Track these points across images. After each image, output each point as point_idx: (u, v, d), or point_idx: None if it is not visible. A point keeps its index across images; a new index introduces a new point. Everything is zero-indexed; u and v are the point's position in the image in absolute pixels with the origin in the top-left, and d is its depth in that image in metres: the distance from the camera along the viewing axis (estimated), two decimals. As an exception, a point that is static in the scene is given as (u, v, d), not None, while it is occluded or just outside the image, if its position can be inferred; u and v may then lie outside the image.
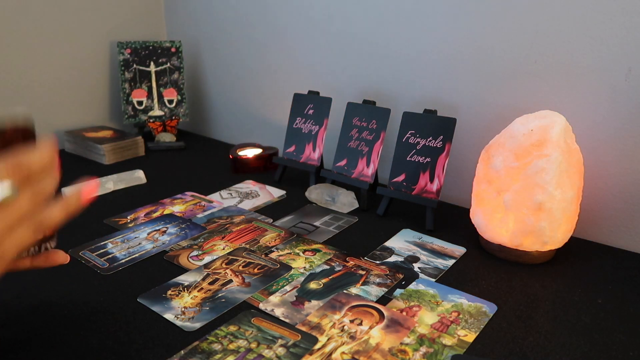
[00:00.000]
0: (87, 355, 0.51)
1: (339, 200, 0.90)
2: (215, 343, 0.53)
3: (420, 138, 0.84)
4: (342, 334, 0.54)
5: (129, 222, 0.82)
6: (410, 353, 0.52)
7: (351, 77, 1.05)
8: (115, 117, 1.35)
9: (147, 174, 1.03)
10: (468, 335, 0.55)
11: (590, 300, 0.63)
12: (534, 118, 0.69)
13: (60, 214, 0.42)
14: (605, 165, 0.78)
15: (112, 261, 0.70)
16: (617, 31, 0.72)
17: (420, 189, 0.82)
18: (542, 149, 0.66)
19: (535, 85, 0.82)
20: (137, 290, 0.62)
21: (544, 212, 0.66)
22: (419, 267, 0.70)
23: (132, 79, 1.27)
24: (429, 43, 0.92)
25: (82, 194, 0.44)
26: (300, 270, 0.68)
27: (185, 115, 1.32)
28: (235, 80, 1.29)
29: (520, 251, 0.70)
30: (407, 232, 0.80)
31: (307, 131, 0.99)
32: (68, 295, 0.61)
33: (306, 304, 0.60)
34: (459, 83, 0.90)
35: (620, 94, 0.74)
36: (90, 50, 1.26)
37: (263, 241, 0.76)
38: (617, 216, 0.78)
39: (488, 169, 0.72)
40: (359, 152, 0.91)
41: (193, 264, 0.69)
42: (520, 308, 0.60)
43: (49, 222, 0.42)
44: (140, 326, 0.56)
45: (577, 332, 0.56)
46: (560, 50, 0.78)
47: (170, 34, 1.42)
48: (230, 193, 0.96)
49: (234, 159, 1.07)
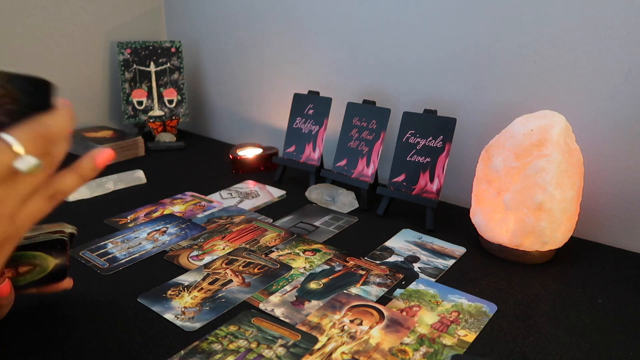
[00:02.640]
0: (87, 355, 0.51)
1: (339, 200, 0.90)
2: (215, 343, 0.53)
3: (420, 138, 0.84)
4: (342, 334, 0.54)
5: (129, 222, 0.82)
6: (410, 353, 0.52)
7: (351, 77, 1.05)
8: (115, 117, 1.35)
9: (147, 174, 1.03)
10: (468, 335, 0.55)
11: (590, 300, 0.63)
12: (534, 118, 0.69)
13: (75, 181, 0.40)
14: (606, 165, 0.78)
15: (112, 261, 0.70)
16: (617, 31, 0.72)
17: (420, 189, 0.82)
18: (542, 149, 0.66)
19: (535, 85, 0.82)
20: (137, 290, 0.62)
21: (544, 212, 0.66)
22: (419, 267, 0.70)
23: (132, 79, 1.27)
24: (429, 43, 0.92)
25: (97, 160, 0.41)
26: (300, 270, 0.68)
27: (185, 115, 1.32)
28: (235, 80, 1.29)
29: (520, 251, 0.70)
30: (407, 232, 0.80)
31: (307, 131, 0.99)
32: (68, 295, 0.61)
33: (306, 304, 0.60)
34: (459, 83, 0.90)
35: (620, 94, 0.74)
36: (90, 50, 1.26)
37: (263, 241, 0.76)
38: (617, 216, 0.78)
39: (488, 169, 0.72)
40: (359, 152, 0.91)
41: (193, 264, 0.69)
42: (520, 308, 0.60)
43: (64, 189, 0.40)
44: (140, 326, 0.56)
45: (577, 332, 0.56)
46: (560, 50, 0.78)
47: (170, 34, 1.42)
48: (230, 193, 0.96)
49: (234, 159, 1.07)
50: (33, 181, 0.37)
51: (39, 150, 0.36)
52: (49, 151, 0.37)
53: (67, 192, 0.40)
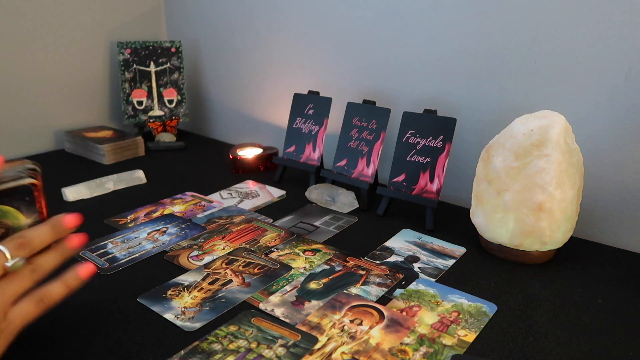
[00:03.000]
0: (87, 355, 0.51)
1: (339, 200, 0.90)
2: (215, 343, 0.53)
3: (420, 138, 0.84)
4: (342, 334, 0.54)
5: (129, 222, 0.82)
6: (410, 353, 0.52)
7: (351, 77, 1.05)
8: (115, 117, 1.35)
9: (147, 174, 1.03)
10: (468, 335, 0.55)
11: (590, 300, 0.63)
12: (534, 118, 0.68)
13: (61, 290, 0.48)
14: (605, 165, 0.78)
15: (112, 261, 0.70)
16: (617, 31, 0.72)
17: (420, 189, 0.82)
18: (542, 149, 0.66)
19: (535, 85, 0.82)
20: (137, 290, 0.62)
21: (544, 212, 0.66)
22: (419, 267, 0.70)
23: (132, 79, 1.27)
24: (429, 43, 0.92)
25: (80, 273, 0.49)
26: (300, 270, 0.68)
27: (185, 115, 1.32)
28: (235, 80, 1.29)
29: (520, 251, 0.70)
30: (407, 232, 0.80)
31: (307, 131, 0.99)
32: (68, 295, 0.61)
33: (306, 304, 0.60)
34: (459, 83, 0.90)
35: (620, 94, 0.74)
36: (90, 50, 1.26)
37: (263, 241, 0.76)
38: (617, 216, 0.78)
39: (488, 169, 0.72)
40: (359, 152, 0.91)
41: (193, 264, 0.69)
42: (520, 308, 0.60)
43: (51, 295, 0.47)
44: (140, 326, 0.56)
45: (577, 332, 0.56)
46: (560, 50, 0.78)
47: (170, 34, 1.42)
48: (230, 193, 0.96)
49: (234, 159, 1.07)
50: (21, 281, 0.44)
51: (22, 254, 0.44)
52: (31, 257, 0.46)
53: (54, 298, 0.47)
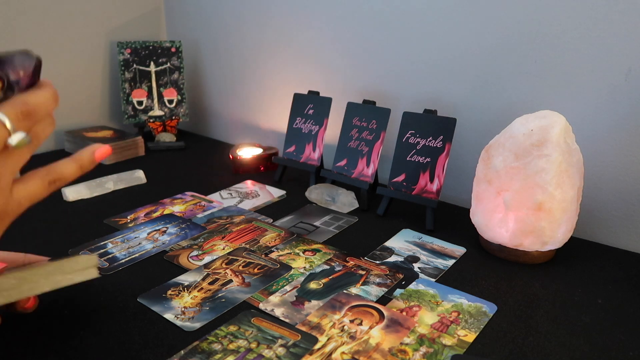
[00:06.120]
0: (87, 355, 0.51)
1: (339, 200, 0.90)
2: (215, 343, 0.53)
3: (420, 138, 0.84)
4: (342, 334, 0.54)
5: (129, 222, 0.82)
6: (410, 353, 0.52)
7: (351, 77, 1.05)
8: (115, 117, 1.35)
9: (147, 174, 1.03)
10: (468, 335, 0.55)
11: (590, 300, 0.63)
12: (534, 118, 0.69)
13: (73, 170, 0.43)
14: (605, 165, 0.78)
15: (112, 261, 0.70)
16: (617, 31, 0.72)
17: (420, 189, 0.82)
18: (542, 149, 0.66)
19: (535, 85, 0.82)
20: (137, 290, 0.62)
21: (544, 212, 0.66)
22: (419, 267, 0.70)
23: (132, 79, 1.27)
24: (429, 43, 0.92)
25: (96, 153, 0.45)
26: (300, 270, 0.68)
27: (185, 115, 1.32)
28: (235, 80, 1.29)
29: (520, 251, 0.70)
30: (407, 232, 0.80)
31: (307, 131, 0.99)
32: (68, 294, 0.61)
33: (306, 304, 0.60)
34: (459, 83, 0.90)
35: (620, 94, 0.74)
36: (90, 50, 1.26)
37: (263, 241, 0.76)
38: (617, 216, 0.78)
39: (488, 169, 0.72)
40: (359, 152, 0.91)
41: (193, 264, 0.69)
42: (520, 308, 0.60)
43: (63, 176, 0.43)
44: (140, 326, 0.56)
45: (577, 332, 0.56)
46: (560, 50, 0.78)
47: (170, 34, 1.42)
48: (230, 193, 0.96)
49: (234, 159, 1.07)
50: (21, 156, 0.39)
51: (24, 126, 0.39)
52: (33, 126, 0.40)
53: (66, 178, 0.43)
